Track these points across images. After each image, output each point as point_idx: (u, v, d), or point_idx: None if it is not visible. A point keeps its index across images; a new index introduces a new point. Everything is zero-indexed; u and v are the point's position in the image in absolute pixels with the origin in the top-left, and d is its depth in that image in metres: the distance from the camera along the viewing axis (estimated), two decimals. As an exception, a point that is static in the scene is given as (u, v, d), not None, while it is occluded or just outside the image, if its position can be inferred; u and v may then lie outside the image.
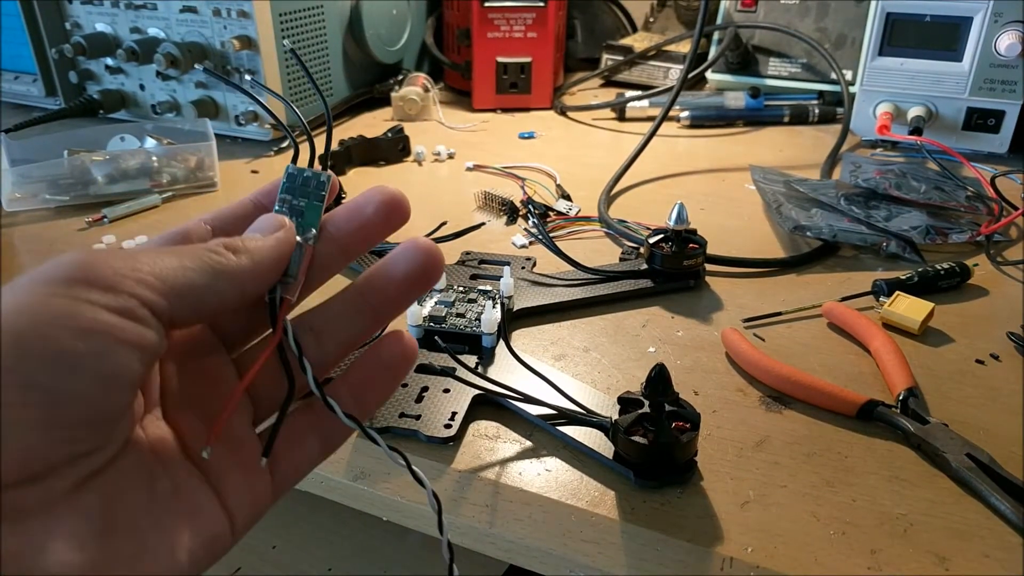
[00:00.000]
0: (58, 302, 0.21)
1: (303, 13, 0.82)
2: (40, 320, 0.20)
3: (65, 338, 0.20)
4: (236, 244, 0.25)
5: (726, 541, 0.33)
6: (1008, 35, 0.71)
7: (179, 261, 0.23)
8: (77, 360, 0.20)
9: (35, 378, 0.20)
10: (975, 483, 0.35)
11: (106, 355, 0.21)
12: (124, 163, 0.69)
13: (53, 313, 0.20)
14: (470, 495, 0.36)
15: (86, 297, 0.21)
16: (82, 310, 0.21)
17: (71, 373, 0.20)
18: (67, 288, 0.21)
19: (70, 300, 0.21)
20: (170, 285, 0.23)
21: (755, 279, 0.55)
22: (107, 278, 0.21)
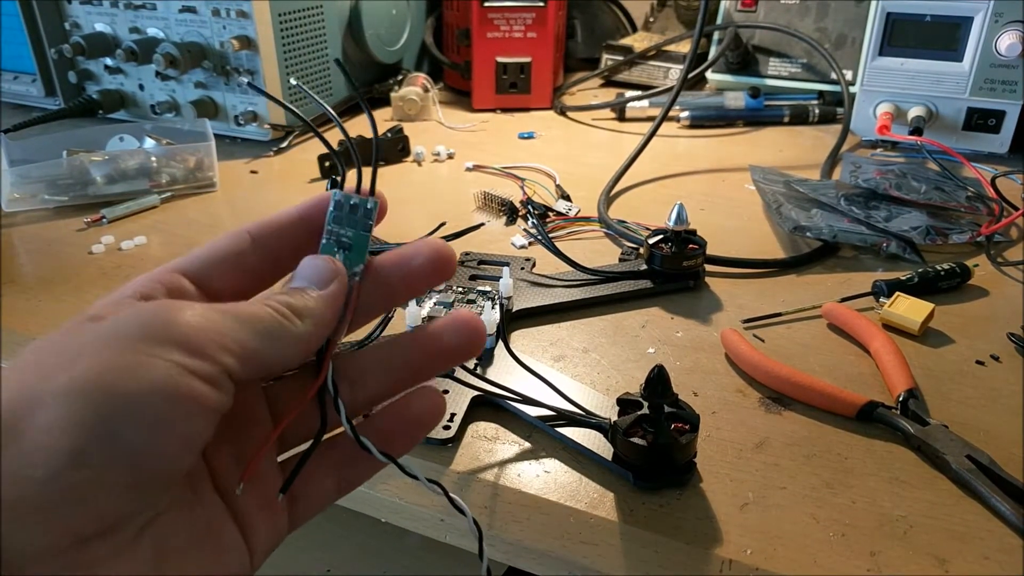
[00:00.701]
0: (153, 365, 0.21)
1: (302, 13, 0.82)
2: (136, 387, 0.20)
3: (160, 405, 0.21)
4: (299, 307, 0.25)
5: (725, 543, 0.33)
6: (1008, 35, 0.71)
7: (252, 327, 0.23)
8: (168, 426, 0.21)
9: (126, 440, 0.20)
10: (975, 485, 0.35)
11: (192, 420, 0.21)
12: (123, 163, 0.69)
13: (150, 378, 0.21)
14: (469, 497, 0.36)
15: (179, 361, 0.21)
16: (176, 378, 0.21)
17: (160, 437, 0.21)
18: (159, 349, 0.21)
19: (164, 363, 0.21)
20: (248, 352, 0.23)
21: (755, 280, 0.55)
22: (197, 342, 0.22)
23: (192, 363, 0.21)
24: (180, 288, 0.26)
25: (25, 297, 0.53)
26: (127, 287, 0.25)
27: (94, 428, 0.20)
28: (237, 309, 0.24)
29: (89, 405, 0.20)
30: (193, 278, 0.26)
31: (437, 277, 0.28)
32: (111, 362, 0.21)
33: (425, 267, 0.28)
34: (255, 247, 0.27)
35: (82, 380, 0.20)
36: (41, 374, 0.21)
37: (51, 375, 0.20)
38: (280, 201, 0.69)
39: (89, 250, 0.60)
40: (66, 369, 0.20)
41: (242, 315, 0.24)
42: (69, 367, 0.20)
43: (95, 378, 0.20)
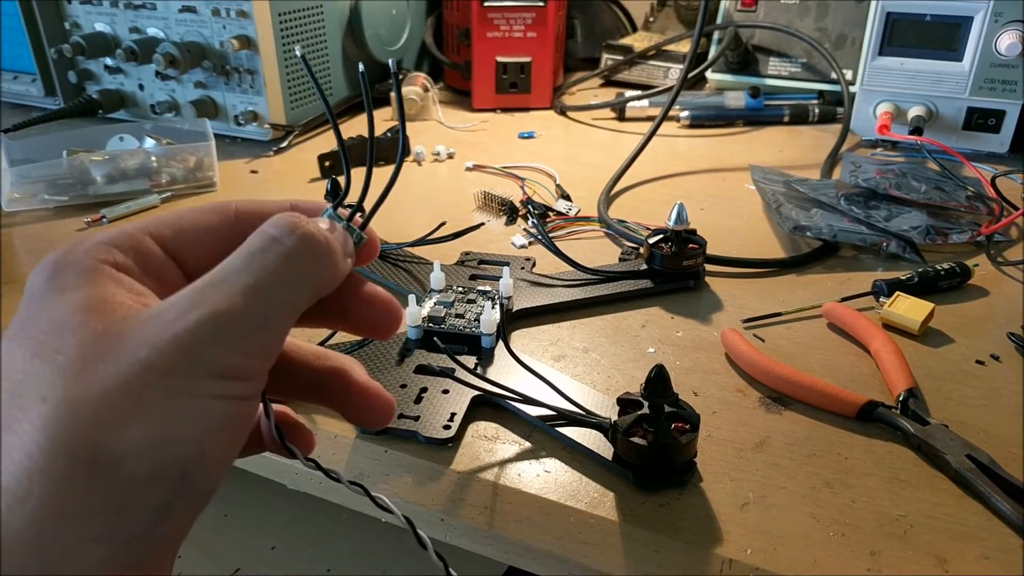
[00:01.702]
0: (206, 407, 0.21)
1: (302, 13, 0.82)
2: (199, 432, 0.21)
3: (222, 443, 0.22)
4: None
5: (725, 542, 0.33)
6: (1008, 35, 0.71)
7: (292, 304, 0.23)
8: (227, 458, 0.22)
9: (197, 483, 0.21)
10: (975, 484, 0.35)
11: (240, 442, 0.23)
12: (123, 163, 0.69)
13: (207, 422, 0.21)
14: (469, 496, 0.36)
15: (226, 394, 0.21)
16: (230, 413, 0.22)
17: (222, 469, 0.22)
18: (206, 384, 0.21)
19: (214, 402, 0.21)
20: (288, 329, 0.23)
21: (755, 279, 0.55)
22: (246, 369, 0.22)
23: (243, 390, 0.22)
24: (150, 254, 0.24)
25: (25, 297, 0.53)
26: (92, 243, 0.23)
27: (178, 481, 0.20)
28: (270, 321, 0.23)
29: (173, 461, 0.20)
30: (166, 245, 0.25)
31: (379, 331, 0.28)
32: (180, 410, 0.20)
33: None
34: (237, 225, 0.26)
35: (160, 435, 0.20)
36: (106, 420, 0.20)
37: (120, 425, 0.20)
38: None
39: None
40: (137, 416, 0.20)
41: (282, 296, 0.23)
42: (139, 411, 0.20)
43: (171, 432, 0.20)
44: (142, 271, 0.24)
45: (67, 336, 0.21)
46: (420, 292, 0.51)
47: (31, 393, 0.20)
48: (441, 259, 0.52)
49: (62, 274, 0.22)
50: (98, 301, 0.21)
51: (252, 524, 0.64)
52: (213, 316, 0.21)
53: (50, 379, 0.20)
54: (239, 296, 0.22)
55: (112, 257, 0.23)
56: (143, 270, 0.24)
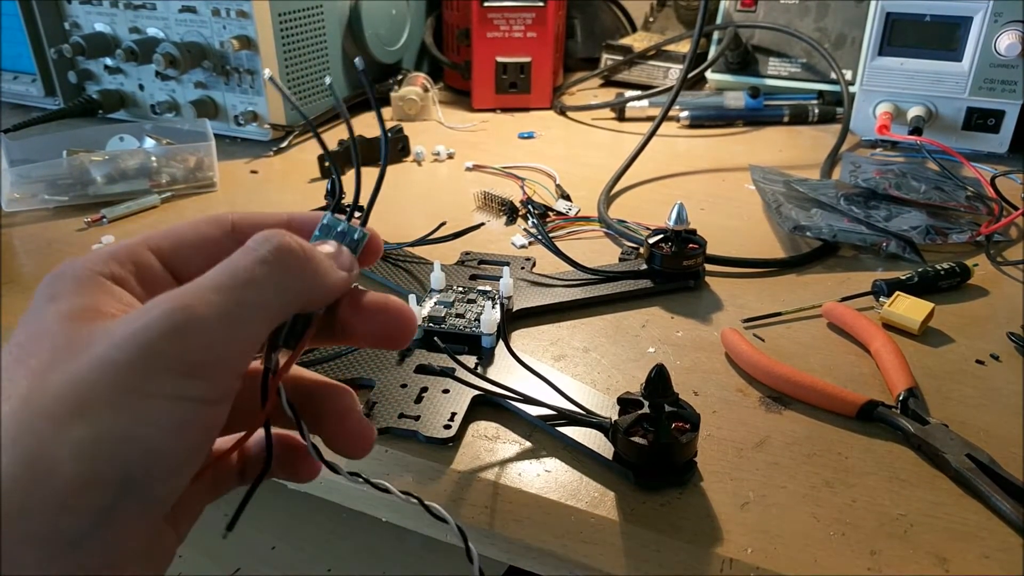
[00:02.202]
0: (166, 407, 0.20)
1: (302, 13, 0.82)
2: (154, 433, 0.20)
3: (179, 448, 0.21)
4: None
5: (726, 542, 0.33)
6: (1008, 35, 0.71)
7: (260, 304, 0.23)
8: (186, 465, 0.22)
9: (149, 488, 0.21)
10: (975, 484, 0.35)
11: (205, 449, 0.22)
12: (123, 163, 0.69)
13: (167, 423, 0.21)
14: (469, 496, 0.36)
15: (192, 396, 0.21)
16: (191, 416, 0.21)
17: (179, 476, 0.21)
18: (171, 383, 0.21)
19: (179, 404, 0.21)
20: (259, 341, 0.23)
21: (755, 279, 0.55)
22: (209, 368, 0.21)
23: (205, 391, 0.21)
24: (149, 268, 0.25)
25: (25, 297, 0.53)
26: (94, 257, 0.24)
27: (121, 484, 0.20)
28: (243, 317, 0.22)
29: (114, 462, 0.20)
30: (165, 258, 0.25)
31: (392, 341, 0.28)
32: (129, 409, 0.20)
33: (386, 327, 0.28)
34: (234, 238, 0.26)
35: (103, 433, 0.20)
36: (53, 418, 0.20)
37: (64, 423, 0.20)
38: (280, 201, 0.69)
39: (90, 250, 0.60)
40: (82, 414, 0.20)
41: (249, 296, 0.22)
42: (85, 411, 0.20)
43: (116, 432, 0.20)
44: (140, 283, 0.24)
45: (44, 342, 0.21)
46: (420, 292, 0.51)
47: (3, 396, 0.20)
48: (441, 259, 0.52)
49: (57, 284, 0.23)
50: (82, 309, 0.22)
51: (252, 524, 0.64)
52: (175, 310, 0.21)
53: (18, 381, 0.20)
54: (205, 293, 0.22)
55: (110, 269, 0.23)
56: (141, 282, 0.24)
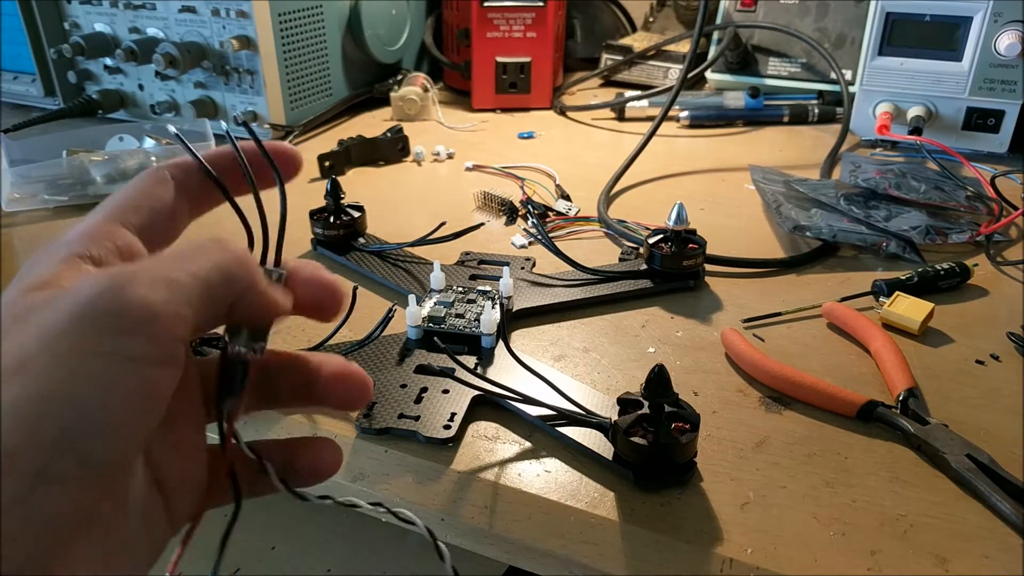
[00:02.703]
0: (110, 366, 0.20)
1: (302, 13, 0.82)
2: (96, 393, 0.20)
3: (121, 409, 0.20)
4: None
5: (726, 542, 0.33)
6: (1008, 35, 0.71)
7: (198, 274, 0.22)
8: (129, 426, 0.21)
9: (89, 449, 0.20)
10: (975, 484, 0.35)
11: (152, 413, 0.21)
12: (123, 163, 0.69)
13: (108, 381, 0.20)
14: (469, 496, 0.36)
15: (137, 354, 0.21)
16: (136, 375, 0.21)
17: (122, 438, 0.21)
18: (115, 340, 0.20)
19: (122, 362, 0.20)
20: (199, 312, 0.22)
21: (755, 279, 0.55)
22: (152, 323, 0.21)
23: (145, 349, 0.21)
24: (131, 250, 0.25)
25: (25, 297, 0.53)
26: (73, 238, 0.24)
27: (56, 445, 0.19)
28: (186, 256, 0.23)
29: (48, 420, 0.19)
30: (132, 226, 0.25)
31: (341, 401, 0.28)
32: (66, 367, 0.20)
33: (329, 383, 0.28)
34: (180, 187, 0.28)
35: (38, 392, 0.20)
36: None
37: (4, 384, 0.19)
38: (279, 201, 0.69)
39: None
40: (18, 374, 0.20)
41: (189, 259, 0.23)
42: (22, 372, 0.20)
43: (51, 390, 0.20)
44: (119, 258, 0.24)
45: (3, 311, 0.21)
46: (420, 292, 0.51)
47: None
48: (441, 259, 0.52)
49: (31, 264, 0.23)
50: (41, 282, 0.22)
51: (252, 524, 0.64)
52: (116, 274, 0.21)
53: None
54: (147, 259, 0.23)
55: (87, 250, 0.24)
56: (120, 257, 0.24)
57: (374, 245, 0.57)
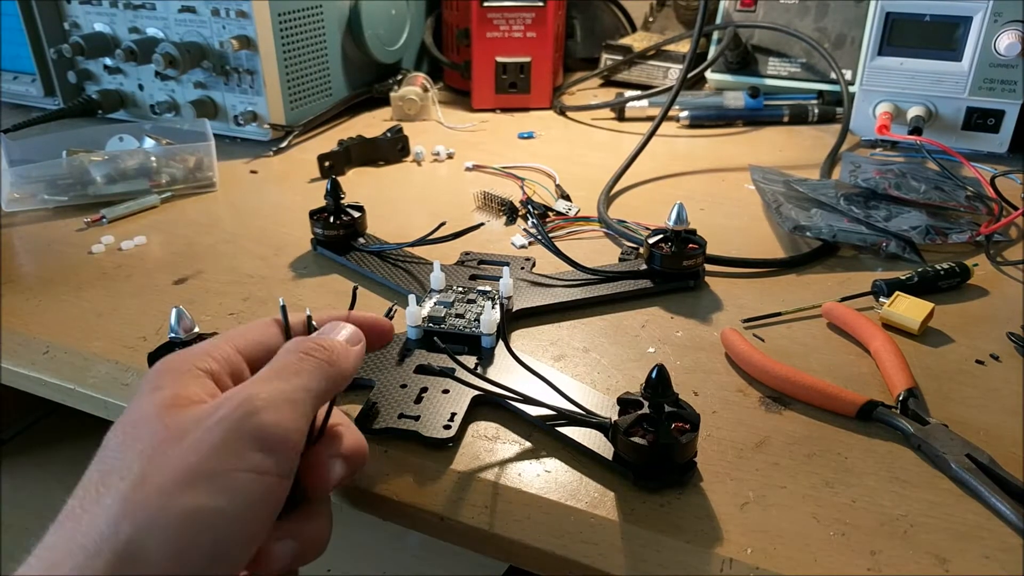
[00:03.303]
0: (245, 481, 0.26)
1: (302, 13, 0.82)
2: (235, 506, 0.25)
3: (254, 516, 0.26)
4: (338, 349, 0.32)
5: (726, 542, 0.33)
6: (1008, 35, 0.71)
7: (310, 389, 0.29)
8: (259, 530, 0.26)
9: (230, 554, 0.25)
10: (975, 484, 0.35)
11: (274, 514, 0.27)
12: (123, 163, 0.69)
13: (245, 495, 0.26)
14: (469, 496, 0.36)
15: (265, 468, 0.26)
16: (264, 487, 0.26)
17: (253, 541, 0.26)
18: (247, 457, 0.26)
19: (254, 478, 0.26)
20: (311, 415, 0.29)
21: (755, 279, 0.55)
22: (276, 441, 0.27)
23: (279, 465, 0.27)
24: (232, 362, 0.31)
25: (25, 297, 0.53)
26: (196, 353, 0.30)
27: (212, 550, 0.25)
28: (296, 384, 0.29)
29: (208, 531, 0.25)
30: (245, 355, 0.32)
31: None
32: (219, 484, 0.25)
33: None
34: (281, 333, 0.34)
35: (203, 507, 0.25)
36: (161, 490, 0.25)
37: (174, 496, 0.25)
38: (280, 201, 0.69)
39: (89, 250, 0.60)
40: (187, 488, 0.25)
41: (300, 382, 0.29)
42: (188, 488, 0.25)
43: (210, 506, 0.25)
44: (228, 375, 0.31)
45: (145, 428, 0.27)
46: (420, 292, 0.51)
47: (115, 474, 0.26)
48: (441, 259, 0.52)
49: (159, 376, 0.29)
50: (177, 398, 0.28)
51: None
52: (249, 398, 0.27)
53: (130, 463, 0.26)
54: (266, 383, 0.28)
55: (208, 365, 0.30)
56: (229, 375, 0.31)
57: (374, 245, 0.57)
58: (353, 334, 0.33)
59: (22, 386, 0.47)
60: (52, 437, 0.96)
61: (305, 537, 0.31)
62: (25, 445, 0.95)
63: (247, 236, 0.62)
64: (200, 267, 0.57)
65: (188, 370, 0.29)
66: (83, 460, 0.27)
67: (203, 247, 0.60)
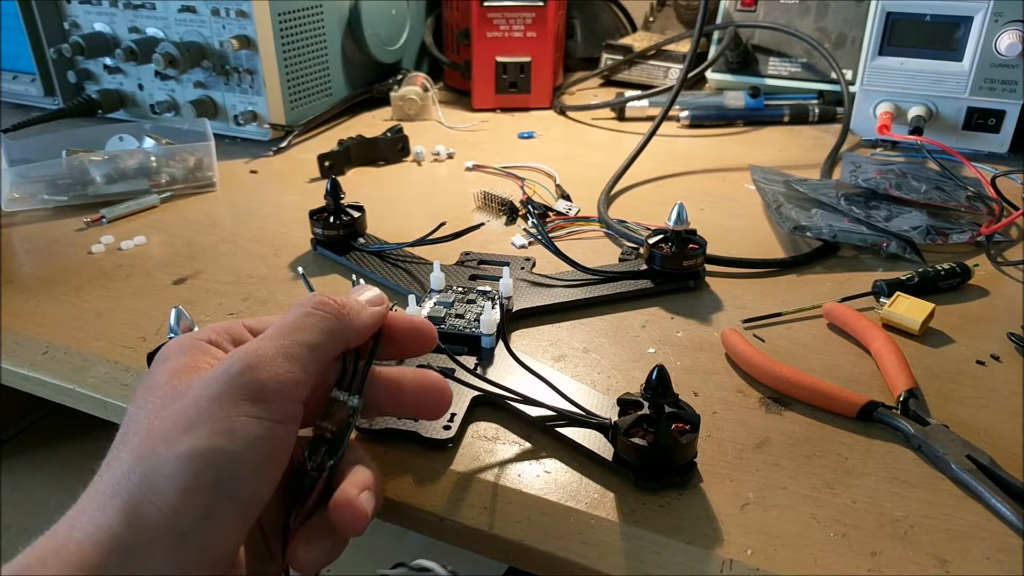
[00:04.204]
0: (246, 425, 0.28)
1: (302, 13, 0.82)
2: (240, 447, 0.27)
3: (259, 458, 0.28)
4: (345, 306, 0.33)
5: (726, 543, 0.33)
6: (1008, 35, 0.71)
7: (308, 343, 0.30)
8: (265, 470, 0.28)
9: (238, 491, 0.27)
10: (975, 485, 0.35)
11: (280, 459, 0.29)
12: (122, 163, 0.69)
13: (247, 438, 0.27)
14: (469, 497, 0.36)
15: (265, 416, 0.28)
16: (266, 432, 0.28)
17: (261, 481, 0.28)
18: (247, 408, 0.28)
19: (254, 421, 0.28)
20: (312, 372, 0.30)
21: (755, 279, 0.55)
22: (275, 393, 0.29)
23: (274, 413, 0.28)
24: (241, 334, 0.33)
25: (25, 297, 0.53)
26: (202, 332, 0.33)
27: (218, 487, 0.27)
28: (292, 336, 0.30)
29: (209, 470, 0.27)
30: (253, 330, 0.33)
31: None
32: (216, 428, 0.27)
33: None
34: None
35: (201, 448, 0.27)
36: (166, 440, 0.27)
37: (173, 443, 0.27)
38: (280, 201, 0.69)
39: (89, 250, 0.60)
40: (186, 434, 0.27)
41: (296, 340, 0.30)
42: (187, 432, 0.27)
43: (210, 446, 0.27)
44: (231, 343, 0.32)
45: (156, 392, 0.29)
46: (420, 292, 0.51)
47: (131, 432, 0.29)
48: (441, 259, 0.52)
49: (167, 350, 0.32)
50: (183, 367, 0.30)
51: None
52: (246, 354, 0.29)
53: (140, 421, 0.29)
54: (266, 341, 0.30)
55: (208, 336, 0.32)
56: (232, 343, 0.33)
57: (374, 245, 0.57)
58: (375, 296, 0.34)
59: (21, 386, 0.47)
60: (52, 437, 0.96)
61: (369, 484, 0.32)
62: (25, 445, 0.95)
63: (247, 236, 0.62)
64: (200, 267, 0.57)
65: (193, 344, 0.31)
66: (82, 460, 0.28)
67: (203, 247, 0.60)
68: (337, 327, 0.31)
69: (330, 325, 0.31)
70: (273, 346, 0.29)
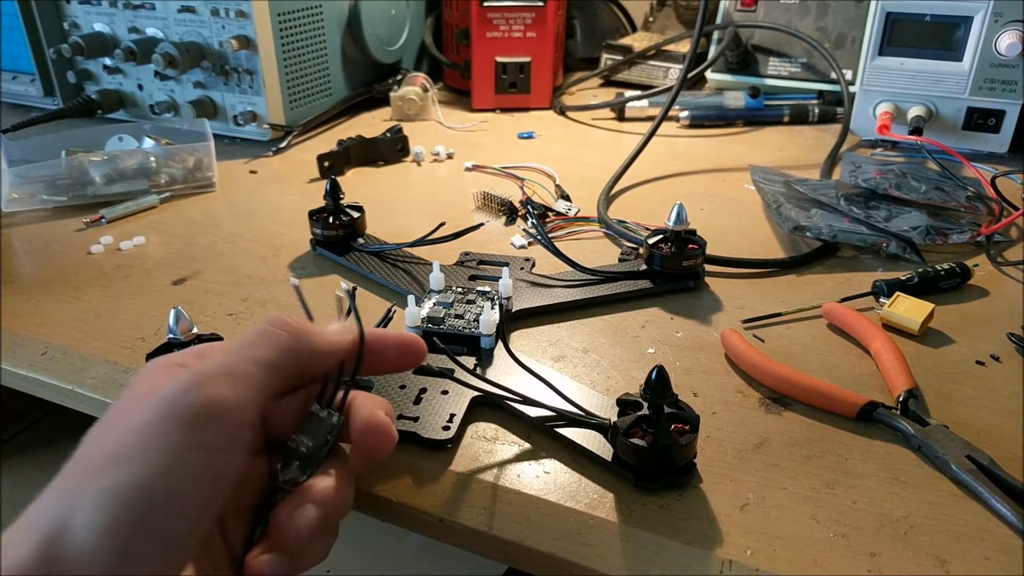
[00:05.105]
0: (184, 458, 0.25)
1: (301, 13, 0.82)
2: (172, 485, 0.25)
3: (194, 495, 0.25)
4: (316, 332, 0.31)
5: (725, 543, 0.33)
6: (1008, 35, 0.71)
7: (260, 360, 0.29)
8: (202, 508, 0.26)
9: (167, 531, 0.25)
10: (975, 485, 0.35)
11: (221, 495, 0.27)
12: (122, 163, 0.69)
13: (185, 474, 0.25)
14: (468, 497, 0.36)
15: (210, 445, 0.26)
16: (208, 465, 0.26)
17: (196, 520, 0.26)
18: (188, 435, 0.26)
19: (195, 453, 0.26)
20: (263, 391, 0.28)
21: (755, 280, 0.55)
22: (215, 418, 0.26)
23: (213, 439, 0.26)
24: None
25: (24, 297, 0.53)
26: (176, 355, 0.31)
27: (135, 528, 0.24)
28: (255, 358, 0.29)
29: (130, 510, 0.24)
30: None
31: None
32: (147, 460, 0.25)
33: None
34: None
35: (124, 483, 0.25)
36: (93, 469, 0.25)
37: (98, 473, 0.25)
38: (279, 202, 0.69)
39: (88, 250, 0.60)
40: (113, 467, 0.25)
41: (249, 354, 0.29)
42: (115, 464, 0.25)
43: (134, 482, 0.25)
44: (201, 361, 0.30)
45: (107, 417, 0.28)
46: (419, 293, 0.51)
47: (73, 458, 0.27)
48: (440, 259, 0.52)
49: (139, 375, 0.30)
50: (143, 390, 0.28)
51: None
52: (191, 374, 0.27)
53: (82, 447, 0.27)
54: (213, 358, 0.28)
55: (184, 360, 0.30)
56: None
57: (373, 245, 0.57)
58: (343, 327, 0.33)
59: (20, 387, 0.47)
60: (52, 437, 0.96)
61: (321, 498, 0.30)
62: (25, 445, 0.95)
63: (246, 236, 0.62)
64: (199, 267, 0.57)
65: (164, 366, 0.30)
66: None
67: (202, 247, 0.60)
68: (294, 344, 0.30)
69: (286, 343, 0.30)
70: (219, 363, 0.28)
